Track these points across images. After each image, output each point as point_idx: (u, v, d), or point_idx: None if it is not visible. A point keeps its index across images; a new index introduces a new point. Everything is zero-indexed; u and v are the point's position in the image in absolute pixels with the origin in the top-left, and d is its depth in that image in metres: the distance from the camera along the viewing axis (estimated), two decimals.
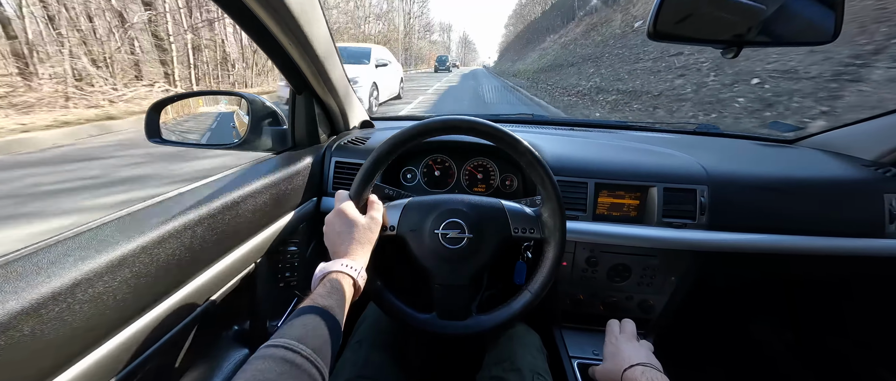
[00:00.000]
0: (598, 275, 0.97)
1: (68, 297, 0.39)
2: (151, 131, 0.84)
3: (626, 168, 0.90)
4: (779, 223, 0.86)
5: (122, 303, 0.45)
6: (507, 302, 0.68)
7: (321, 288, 0.50)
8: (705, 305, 1.22)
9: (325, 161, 0.95)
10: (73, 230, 0.47)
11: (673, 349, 1.12)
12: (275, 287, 0.83)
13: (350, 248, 0.57)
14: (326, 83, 0.89)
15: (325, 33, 0.79)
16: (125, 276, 0.45)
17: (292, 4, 0.63)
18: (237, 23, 0.65)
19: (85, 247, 0.44)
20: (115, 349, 0.44)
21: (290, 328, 0.42)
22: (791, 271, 1.04)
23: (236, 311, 0.76)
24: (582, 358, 1.02)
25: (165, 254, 0.50)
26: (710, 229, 0.86)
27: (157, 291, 0.50)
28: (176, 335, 0.54)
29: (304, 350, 0.39)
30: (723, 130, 1.25)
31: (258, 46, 0.74)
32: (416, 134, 0.64)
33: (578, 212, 0.89)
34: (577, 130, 1.24)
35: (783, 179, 0.88)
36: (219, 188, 0.64)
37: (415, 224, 0.66)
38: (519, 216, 0.67)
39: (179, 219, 0.53)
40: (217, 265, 0.60)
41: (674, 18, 0.63)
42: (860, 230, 0.85)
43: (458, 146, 1.00)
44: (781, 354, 1.26)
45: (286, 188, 0.79)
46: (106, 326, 0.44)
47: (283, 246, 0.81)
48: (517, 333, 0.82)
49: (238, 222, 0.64)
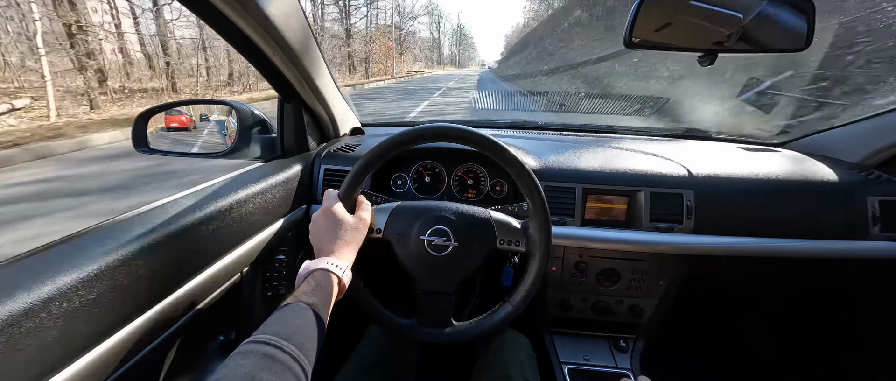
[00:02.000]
0: (588, 280, 0.98)
1: (42, 312, 0.39)
2: (138, 141, 0.84)
3: (613, 173, 0.90)
4: (764, 226, 0.87)
5: (98, 317, 0.44)
6: (489, 313, 0.68)
7: (305, 285, 0.49)
8: (695, 308, 1.22)
9: (315, 169, 0.95)
10: (47, 243, 0.47)
11: (663, 352, 1.12)
12: (262, 296, 0.82)
13: (336, 246, 0.57)
14: (314, 91, 0.89)
15: (311, 41, 0.80)
16: (103, 289, 0.45)
17: (274, 15, 0.64)
18: (220, 34, 0.65)
19: (60, 260, 0.43)
20: (93, 363, 0.44)
21: (273, 324, 0.42)
22: (778, 274, 1.05)
23: (222, 321, 0.75)
24: (573, 364, 1.02)
25: (149, 265, 0.50)
26: (697, 233, 0.87)
27: (138, 304, 0.50)
28: (158, 347, 0.54)
29: (286, 346, 0.38)
30: (709, 134, 1.26)
31: (243, 57, 0.74)
32: (407, 140, 0.64)
33: (567, 217, 0.89)
34: (565, 134, 1.25)
35: (768, 182, 0.89)
36: (204, 197, 0.64)
37: (402, 228, 0.67)
38: (505, 228, 0.68)
39: (162, 230, 0.53)
40: (201, 275, 0.60)
41: (652, 26, 0.65)
42: (845, 232, 0.86)
43: (448, 152, 1.00)
44: (772, 357, 1.27)
45: (274, 196, 0.79)
46: (82, 341, 0.43)
47: (272, 255, 0.81)
48: (507, 339, 0.81)
49: (224, 231, 0.64)
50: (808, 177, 0.90)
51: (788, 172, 0.91)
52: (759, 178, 0.90)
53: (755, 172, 0.91)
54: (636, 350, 1.06)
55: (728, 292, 1.26)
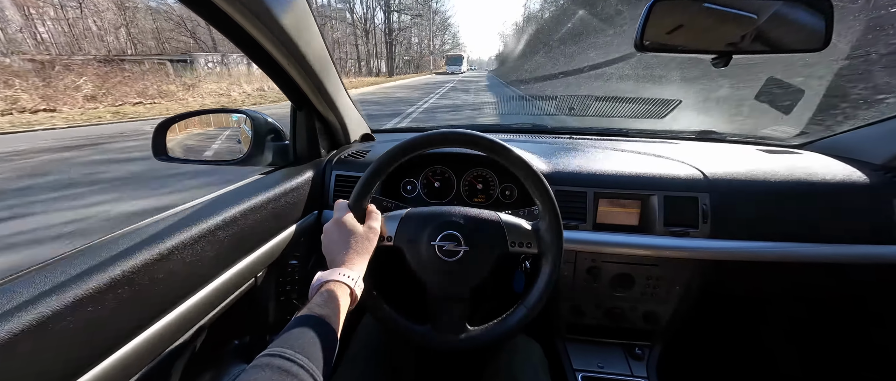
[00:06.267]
0: (601, 285, 0.96)
1: (69, 315, 0.40)
2: (158, 150, 0.86)
3: (625, 177, 0.89)
4: (784, 230, 0.84)
5: (121, 320, 0.46)
6: (503, 317, 0.68)
7: (318, 297, 0.50)
8: (712, 315, 1.19)
9: (326, 175, 0.97)
10: (72, 250, 0.48)
11: (680, 360, 1.09)
12: (275, 301, 0.84)
13: (348, 257, 0.57)
14: (325, 98, 0.91)
15: (322, 50, 0.81)
16: (125, 294, 0.46)
17: (287, 23, 0.65)
18: (233, 42, 0.66)
19: (85, 265, 0.45)
20: (114, 365, 0.45)
21: (287, 337, 0.43)
22: (799, 280, 1.01)
23: (236, 326, 0.77)
24: (586, 371, 1.00)
25: (165, 271, 0.52)
26: (713, 237, 0.85)
27: (157, 307, 0.51)
28: (175, 351, 0.55)
29: (300, 359, 0.39)
30: (725, 136, 1.23)
31: (256, 65, 0.76)
32: (416, 146, 0.65)
33: (578, 222, 0.88)
34: (576, 138, 1.24)
35: (788, 184, 0.86)
36: (219, 204, 0.65)
37: (412, 235, 0.67)
38: (516, 230, 0.67)
39: (179, 236, 0.55)
40: (217, 280, 0.61)
41: (663, 29, 0.64)
42: (870, 237, 0.82)
43: (457, 157, 1.01)
44: (793, 369, 1.22)
45: (287, 203, 0.80)
46: (105, 343, 0.45)
47: (284, 260, 0.83)
48: (519, 345, 0.81)
49: (239, 237, 0.66)
50: (830, 179, 0.87)
51: (810, 174, 0.88)
52: (779, 180, 0.87)
53: (774, 175, 0.88)
54: (652, 358, 1.03)
55: (747, 298, 1.22)
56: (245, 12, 0.58)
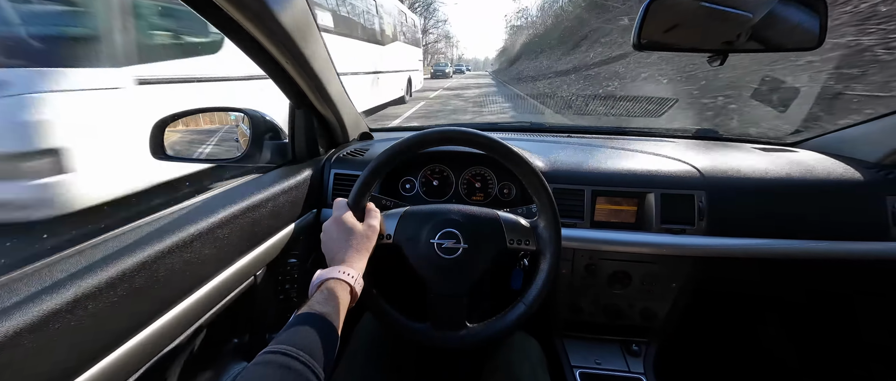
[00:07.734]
0: (598, 282, 0.97)
1: (68, 313, 0.40)
2: (156, 149, 0.86)
3: (622, 175, 0.90)
4: (780, 227, 0.85)
5: (120, 319, 0.46)
6: (502, 314, 0.68)
7: (318, 295, 0.50)
8: (709, 312, 1.20)
9: (325, 173, 0.97)
10: (71, 249, 0.48)
11: (677, 357, 1.10)
12: (275, 300, 0.84)
13: (347, 255, 0.57)
14: (324, 97, 0.91)
15: (321, 48, 0.81)
16: (124, 292, 0.46)
17: (287, 22, 0.65)
18: (234, 41, 0.66)
19: (84, 264, 0.45)
20: (113, 364, 0.45)
21: (289, 334, 0.43)
22: (794, 277, 1.03)
23: (236, 324, 0.77)
24: (584, 368, 1.01)
25: (165, 269, 0.51)
26: (710, 235, 0.85)
27: (157, 306, 0.51)
28: (175, 349, 0.55)
29: (302, 356, 0.40)
30: (721, 134, 1.25)
31: (255, 63, 0.76)
32: (414, 145, 0.65)
33: (576, 219, 0.89)
34: (573, 137, 1.25)
35: (783, 181, 0.87)
36: (218, 203, 0.65)
37: (411, 233, 0.67)
38: (514, 227, 0.68)
39: (178, 234, 0.55)
40: (217, 279, 0.61)
41: (661, 28, 0.64)
42: (863, 233, 0.83)
43: (455, 156, 1.01)
44: (790, 363, 1.23)
45: (286, 201, 0.80)
46: (104, 342, 0.44)
47: (283, 258, 0.83)
48: (516, 342, 0.81)
49: (238, 235, 0.66)
50: (825, 176, 0.88)
51: (805, 171, 0.89)
52: (774, 178, 0.88)
53: (770, 172, 0.89)
54: (649, 354, 1.04)
55: (743, 295, 1.23)
56: (245, 11, 0.58)
